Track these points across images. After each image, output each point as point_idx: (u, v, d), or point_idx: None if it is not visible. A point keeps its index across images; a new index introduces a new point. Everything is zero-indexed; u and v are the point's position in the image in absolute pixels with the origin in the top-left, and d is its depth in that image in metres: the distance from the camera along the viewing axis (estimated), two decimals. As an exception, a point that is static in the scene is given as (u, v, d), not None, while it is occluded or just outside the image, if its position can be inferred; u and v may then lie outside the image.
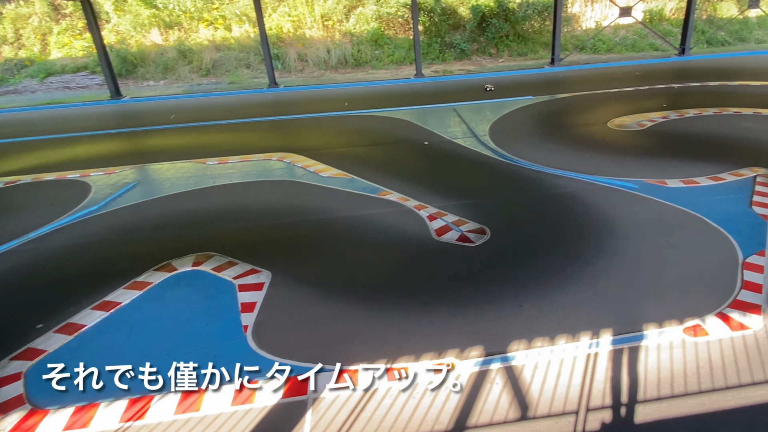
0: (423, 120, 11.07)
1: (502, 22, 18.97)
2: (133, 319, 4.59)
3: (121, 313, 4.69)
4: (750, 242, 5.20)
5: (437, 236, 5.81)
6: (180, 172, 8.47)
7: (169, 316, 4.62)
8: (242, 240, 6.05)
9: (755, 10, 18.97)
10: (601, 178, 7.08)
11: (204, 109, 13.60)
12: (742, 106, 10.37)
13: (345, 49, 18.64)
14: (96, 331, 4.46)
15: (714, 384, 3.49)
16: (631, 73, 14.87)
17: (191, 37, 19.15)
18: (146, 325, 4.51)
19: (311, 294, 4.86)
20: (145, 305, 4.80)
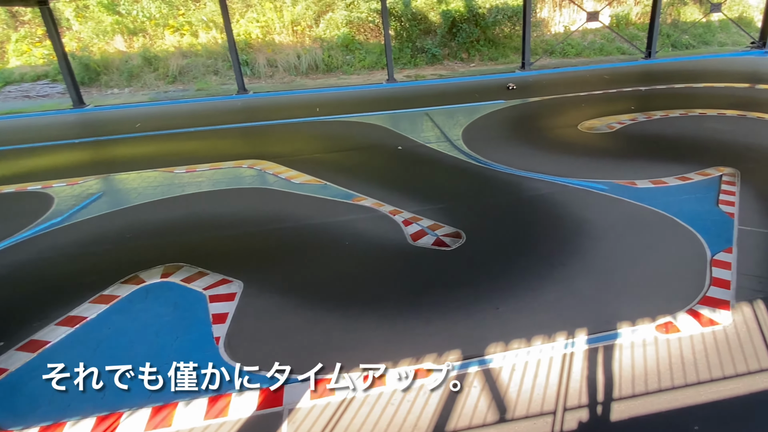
0: (396, 125, 11.13)
1: (473, 27, 19.28)
2: (100, 335, 4.47)
3: (87, 328, 4.56)
4: (717, 240, 5.38)
5: (413, 241, 5.83)
6: (147, 182, 8.31)
7: (138, 329, 4.51)
8: (212, 249, 5.97)
9: (717, 14, 19.74)
10: (573, 180, 7.23)
11: (171, 117, 13.40)
12: (706, 107, 10.75)
13: (315, 55, 18.65)
14: (60, 348, 4.33)
15: (686, 379, 3.59)
16: (599, 77, 15.27)
17: (157, 44, 18.89)
18: (114, 340, 4.40)
19: (285, 303, 4.82)
20: (112, 319, 4.68)
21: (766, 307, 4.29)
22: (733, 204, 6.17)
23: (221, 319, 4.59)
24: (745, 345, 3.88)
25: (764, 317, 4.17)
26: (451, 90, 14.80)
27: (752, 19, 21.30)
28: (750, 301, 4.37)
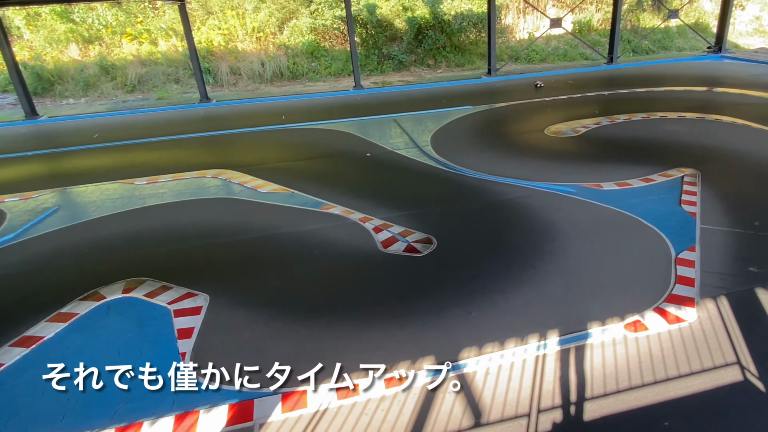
0: (364, 132, 11.18)
1: (439, 33, 19.58)
2: (58, 355, 4.32)
3: (44, 348, 4.40)
4: (681, 239, 5.58)
5: (384, 248, 5.85)
6: (106, 194, 8.11)
7: (99, 348, 4.38)
8: (177, 262, 5.85)
9: (675, 20, 20.58)
10: (541, 183, 7.40)
11: (131, 127, 13.12)
12: (667, 110, 11.17)
13: (280, 62, 18.59)
14: (15, 370, 4.16)
15: (656, 376, 3.70)
16: (564, 82, 15.69)
17: (114, 52, 18.49)
18: (73, 359, 4.25)
19: (254, 315, 4.76)
20: (72, 338, 4.53)
21: (729, 303, 4.47)
22: (694, 204, 6.42)
23: (187, 334, 4.50)
24: (710, 340, 4.03)
25: (727, 313, 4.34)
26: (418, 96, 14.96)
27: (708, 24, 22.30)
28: (714, 298, 4.55)
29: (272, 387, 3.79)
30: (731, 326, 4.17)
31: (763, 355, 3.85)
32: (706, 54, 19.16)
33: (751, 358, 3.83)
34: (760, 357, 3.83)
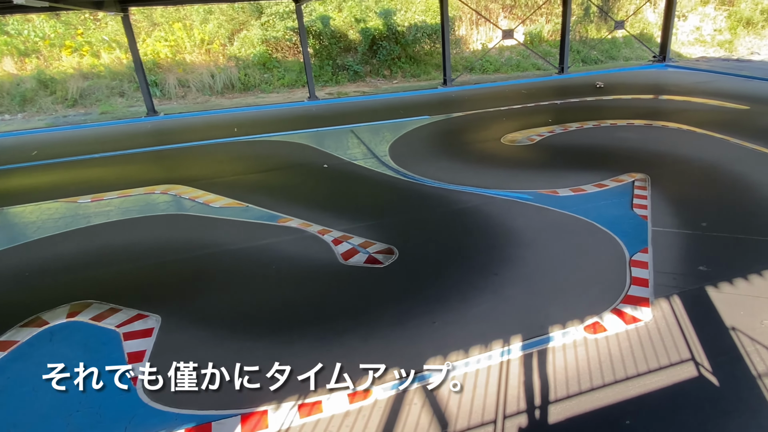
0: (320, 143, 11.17)
1: (393, 44, 19.86)
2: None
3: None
4: (634, 241, 5.83)
5: (344, 260, 5.84)
6: (47, 214, 7.77)
7: (42, 377, 4.16)
8: (125, 283, 5.66)
9: (621, 31, 21.61)
10: (499, 191, 7.58)
11: (73, 143, 12.67)
12: (617, 118, 11.69)
13: (231, 74, 18.39)
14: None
15: (615, 376, 3.83)
16: (518, 92, 16.18)
17: (53, 66, 17.84)
18: (13, 390, 4.04)
19: (209, 335, 4.65)
20: (11, 368, 4.30)
21: (681, 301, 4.69)
22: (645, 207, 6.72)
23: (138, 358, 4.35)
24: (665, 338, 4.21)
25: (681, 311, 4.55)
26: (375, 107, 15.09)
27: (652, 35, 23.51)
28: (667, 297, 4.76)
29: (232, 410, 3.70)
30: (685, 324, 4.37)
31: (715, 350, 4.05)
32: (651, 63, 20.20)
33: (704, 353, 4.02)
34: (712, 352, 4.03)
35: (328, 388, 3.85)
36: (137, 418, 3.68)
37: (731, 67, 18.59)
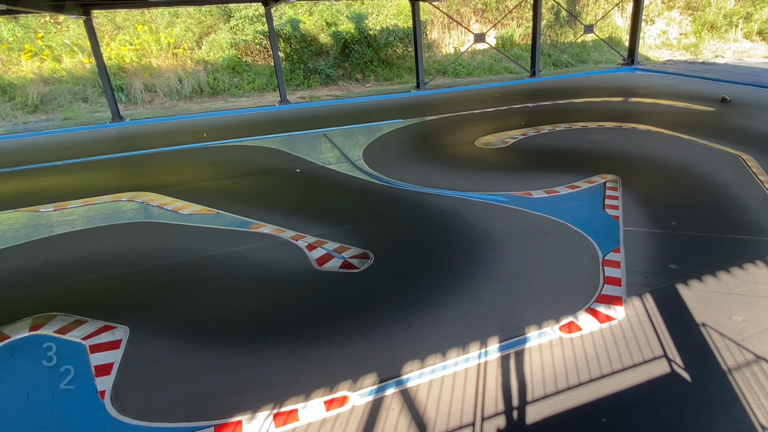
0: (293, 147, 11.12)
1: (365, 48, 19.93)
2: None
3: (-64, 399, 4.01)
4: (607, 241, 5.96)
5: (318, 266, 5.82)
6: (6, 224, 7.54)
7: (5, 394, 4.04)
8: (91, 294, 5.53)
9: (590, 35, 22.14)
10: (474, 193, 7.66)
11: (33, 150, 12.33)
12: (588, 120, 11.95)
13: (199, 78, 18.18)
14: None
15: (591, 375, 3.91)
16: (491, 95, 16.41)
17: (11, 70, 17.35)
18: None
19: (180, 345, 4.57)
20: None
21: (653, 299, 4.81)
22: (617, 208, 6.88)
23: (106, 371, 4.26)
24: (638, 336, 4.31)
25: (653, 309, 4.67)
26: (348, 110, 15.11)
27: (621, 38, 24.15)
28: (639, 295, 4.88)
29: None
30: (657, 321, 4.49)
31: (687, 346, 4.17)
32: (620, 66, 20.73)
33: (676, 350, 4.13)
34: (684, 349, 4.15)
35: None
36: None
37: (697, 69, 19.22)
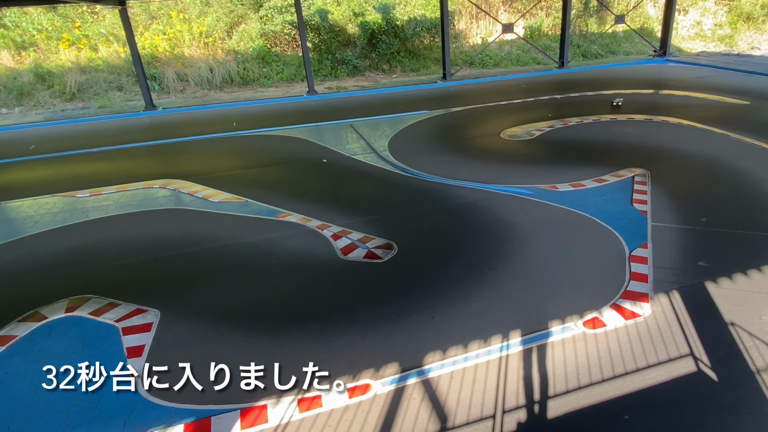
0: (319, 137, 11.15)
1: (392, 38, 19.78)
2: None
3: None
4: (634, 236, 5.83)
5: (343, 255, 5.85)
6: (45, 209, 7.76)
7: (41, 372, 4.17)
8: (124, 278, 5.67)
9: (621, 25, 21.55)
10: (499, 186, 7.57)
11: (71, 137, 12.63)
12: (616, 112, 11.66)
13: (229, 68, 18.32)
14: (-54, 400, 3.92)
15: (614, 371, 3.84)
16: (517, 86, 16.15)
17: (50, 59, 17.75)
18: (11, 385, 4.05)
19: (208, 330, 4.65)
20: (10, 362, 4.31)
21: (681, 297, 4.70)
22: (645, 202, 6.72)
23: (137, 353, 4.36)
24: (664, 334, 4.22)
25: (680, 306, 4.56)
26: (374, 101, 15.05)
27: (653, 29, 23.44)
28: (666, 292, 4.77)
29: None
30: (684, 319, 4.38)
31: (714, 345, 4.07)
32: (651, 58, 20.15)
33: (703, 349, 4.03)
34: (711, 348, 4.04)
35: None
36: (136, 413, 3.70)
37: (731, 61, 18.56)
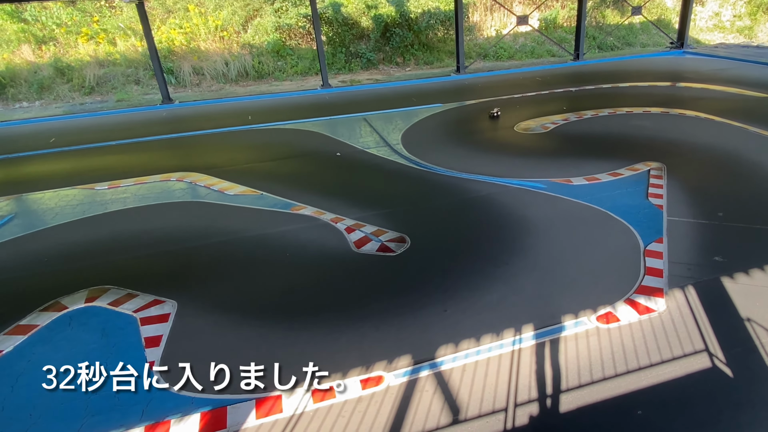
0: (333, 131, 11.16)
1: (406, 31, 19.67)
2: (18, 368, 4.19)
3: (3, 363, 4.26)
4: (649, 231, 5.76)
5: (357, 248, 5.86)
6: (65, 201, 7.88)
7: (61, 360, 4.24)
8: (142, 269, 5.74)
9: (638, 17, 21.19)
10: (512, 180, 7.52)
11: (90, 131, 12.78)
12: (632, 105, 11.49)
13: (245, 61, 18.36)
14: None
15: (628, 366, 3.81)
16: (532, 79, 15.98)
17: (69, 53, 17.95)
18: (33, 374, 4.13)
19: (224, 321, 4.71)
20: (32, 351, 4.40)
21: (696, 292, 4.64)
22: (661, 197, 6.63)
23: (155, 342, 4.43)
24: (679, 329, 4.17)
25: (695, 302, 4.50)
26: (388, 94, 15.01)
27: (670, 20, 23.02)
28: (681, 288, 4.72)
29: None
30: (699, 315, 4.33)
31: (729, 341, 4.02)
32: (668, 50, 19.80)
33: (718, 345, 3.98)
34: (727, 344, 3.99)
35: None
36: (154, 402, 3.75)
37: (751, 53, 18.15)
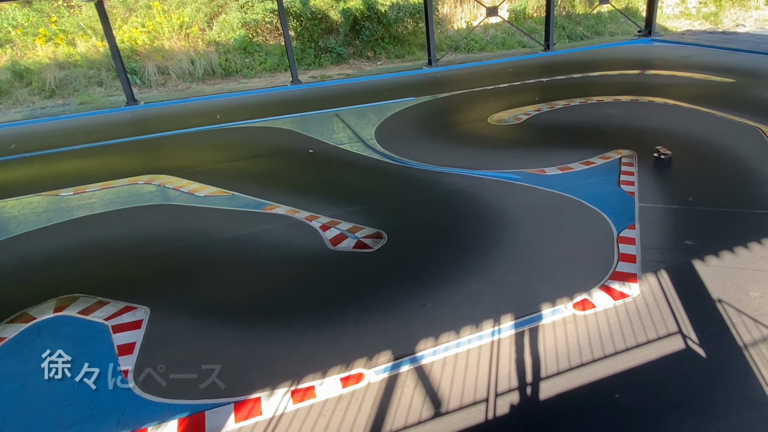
0: (305, 127, 11.11)
1: (376, 25, 19.65)
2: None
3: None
4: (622, 218, 5.91)
5: (333, 246, 5.86)
6: (28, 208, 7.68)
7: (31, 373, 4.17)
8: (112, 276, 5.65)
9: (606, 5, 21.57)
10: (487, 171, 7.61)
11: (52, 135, 12.46)
12: (603, 94, 11.72)
13: (211, 59, 18.11)
14: (-65, 405, 3.91)
15: (605, 351, 3.91)
16: (504, 70, 16.14)
17: (27, 56, 17.45)
18: (4, 386, 4.04)
19: (199, 325, 4.66)
20: (1, 364, 4.29)
21: (668, 276, 4.78)
22: (632, 183, 6.80)
23: (128, 350, 4.36)
24: (653, 313, 4.30)
25: (668, 285, 4.64)
26: (359, 89, 14.99)
27: (638, 9, 23.50)
28: (654, 272, 4.85)
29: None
30: (672, 298, 4.47)
31: (702, 323, 4.15)
32: (637, 38, 20.22)
33: (691, 326, 4.12)
34: (699, 325, 4.13)
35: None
36: (130, 410, 3.71)
37: (717, 39, 18.67)
